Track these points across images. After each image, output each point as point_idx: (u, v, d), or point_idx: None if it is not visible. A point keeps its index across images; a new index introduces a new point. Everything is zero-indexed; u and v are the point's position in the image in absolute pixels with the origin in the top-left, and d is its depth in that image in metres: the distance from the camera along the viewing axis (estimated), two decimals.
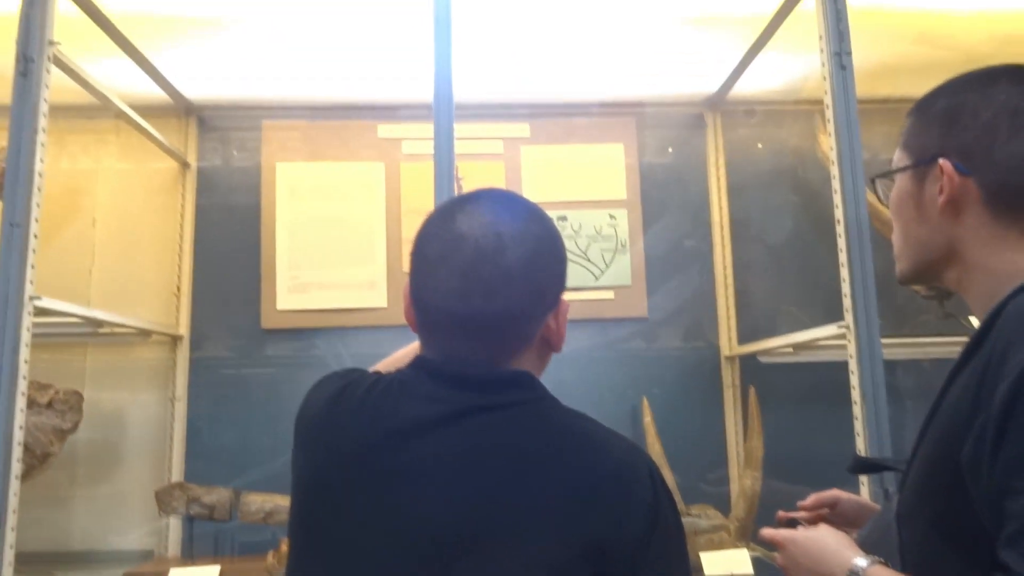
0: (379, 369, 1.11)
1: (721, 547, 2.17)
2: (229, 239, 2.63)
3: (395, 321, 2.56)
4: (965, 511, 0.75)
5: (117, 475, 2.51)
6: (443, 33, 1.76)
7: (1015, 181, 0.87)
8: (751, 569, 2.03)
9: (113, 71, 2.30)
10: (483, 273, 0.89)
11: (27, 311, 1.61)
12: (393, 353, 1.34)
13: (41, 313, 1.69)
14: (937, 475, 0.80)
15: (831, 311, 1.83)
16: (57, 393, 2.15)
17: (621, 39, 2.35)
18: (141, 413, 2.55)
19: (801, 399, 2.51)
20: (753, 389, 2.37)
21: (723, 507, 2.36)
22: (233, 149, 2.70)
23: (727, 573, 2.02)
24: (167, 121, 2.65)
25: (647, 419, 2.44)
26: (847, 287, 1.71)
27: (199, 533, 2.35)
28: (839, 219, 1.74)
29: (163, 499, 2.25)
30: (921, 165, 0.95)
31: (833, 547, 0.91)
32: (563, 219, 2.66)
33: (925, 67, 2.49)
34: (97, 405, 2.43)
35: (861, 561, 0.85)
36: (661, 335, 2.70)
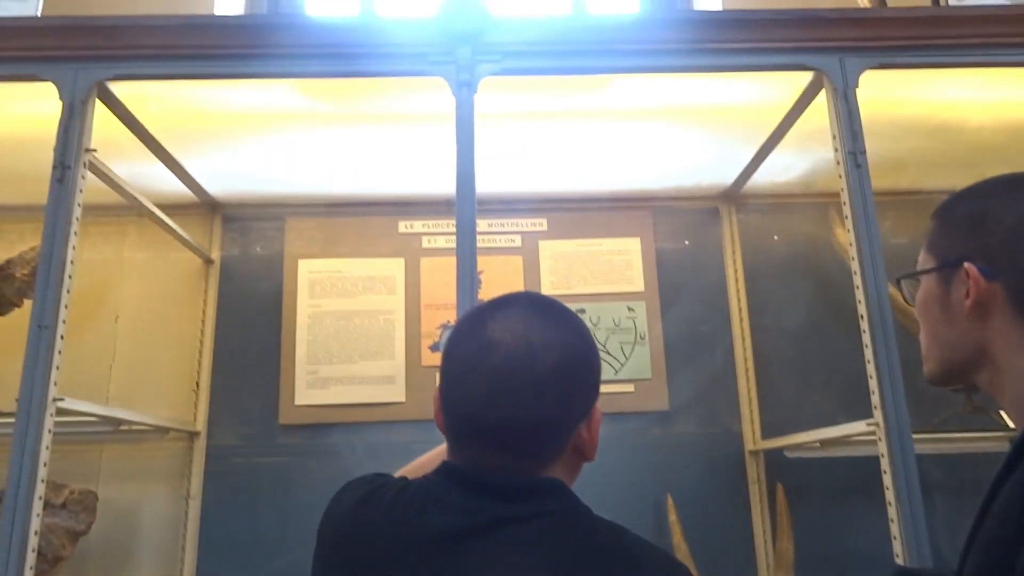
0: (405, 474, 1.10)
1: None
2: (249, 334, 2.65)
3: (413, 416, 2.54)
4: None
5: (129, 575, 2.45)
6: (466, 133, 1.81)
7: None
8: None
9: (141, 170, 2.37)
10: (513, 382, 0.88)
11: (49, 413, 1.60)
12: (418, 457, 1.31)
13: (62, 413, 1.68)
14: None
15: (856, 400, 1.80)
16: (72, 493, 2.12)
17: (636, 135, 2.40)
18: (155, 511, 2.50)
19: (831, 496, 2.43)
20: (781, 488, 2.31)
21: None
22: (256, 245, 2.75)
23: None
24: (192, 218, 2.70)
25: (672, 517, 2.37)
26: (874, 384, 1.69)
27: None
28: (862, 315, 1.73)
29: None
30: (946, 268, 0.95)
31: None
32: (582, 312, 2.67)
33: (938, 160, 2.53)
34: (111, 503, 2.39)
35: None
36: (683, 428, 2.65)
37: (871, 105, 1.87)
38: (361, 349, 2.61)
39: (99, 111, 1.87)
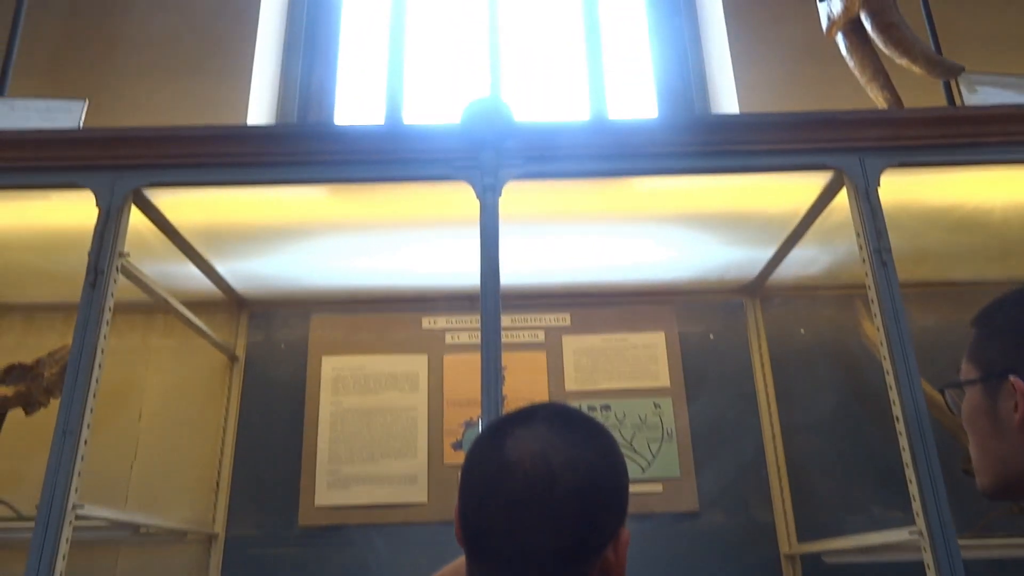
0: None
1: None
2: (272, 433, 2.62)
3: (436, 518, 2.48)
4: None
5: None
6: (490, 235, 1.83)
7: None
8: None
9: (170, 268, 2.41)
10: (531, 510, 0.84)
11: (68, 521, 1.58)
12: (443, 568, 1.27)
13: (81, 519, 1.66)
14: None
15: (894, 494, 1.73)
16: None
17: (658, 231, 2.42)
18: None
19: None
20: None
21: None
22: (281, 342, 2.77)
23: None
24: (218, 314, 2.73)
25: None
26: (915, 489, 1.62)
27: None
28: (898, 416, 1.68)
29: None
30: (991, 379, 0.93)
31: None
32: (606, 408, 2.63)
33: (965, 253, 2.52)
34: None
35: None
36: (714, 530, 2.55)
37: (893, 199, 1.87)
38: (383, 447, 2.57)
39: (133, 214, 1.92)
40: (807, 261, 2.56)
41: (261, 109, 3.20)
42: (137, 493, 2.53)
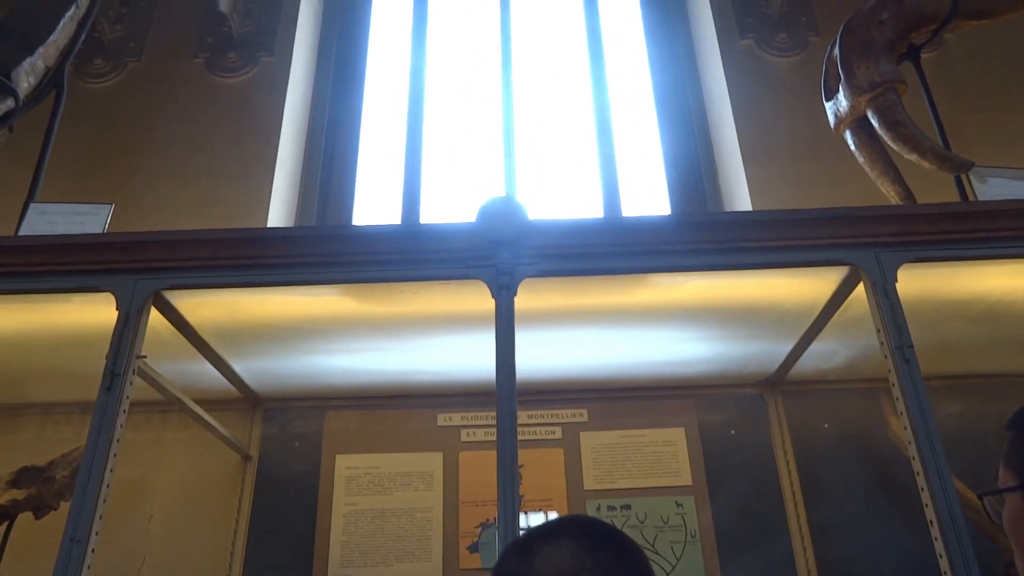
0: None
1: None
2: (283, 535, 2.56)
3: None
4: None
5: None
6: (505, 333, 1.82)
7: None
8: None
9: (187, 367, 2.41)
10: None
11: None
12: None
13: None
14: None
15: None
16: None
17: (675, 326, 2.40)
18: None
19: None
20: None
21: None
22: (295, 440, 2.73)
23: None
24: (233, 412, 2.72)
25: None
26: None
27: None
28: (932, 520, 1.61)
29: None
30: None
31: None
32: (627, 508, 2.55)
33: (988, 345, 2.47)
34: None
35: None
36: None
37: (912, 292, 1.86)
38: (397, 550, 2.50)
39: (151, 314, 1.94)
40: (827, 354, 2.52)
41: (281, 209, 3.28)
42: None
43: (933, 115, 2.50)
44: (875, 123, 2.28)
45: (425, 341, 2.41)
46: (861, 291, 1.92)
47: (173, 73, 3.59)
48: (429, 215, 3.49)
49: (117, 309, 1.86)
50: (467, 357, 2.47)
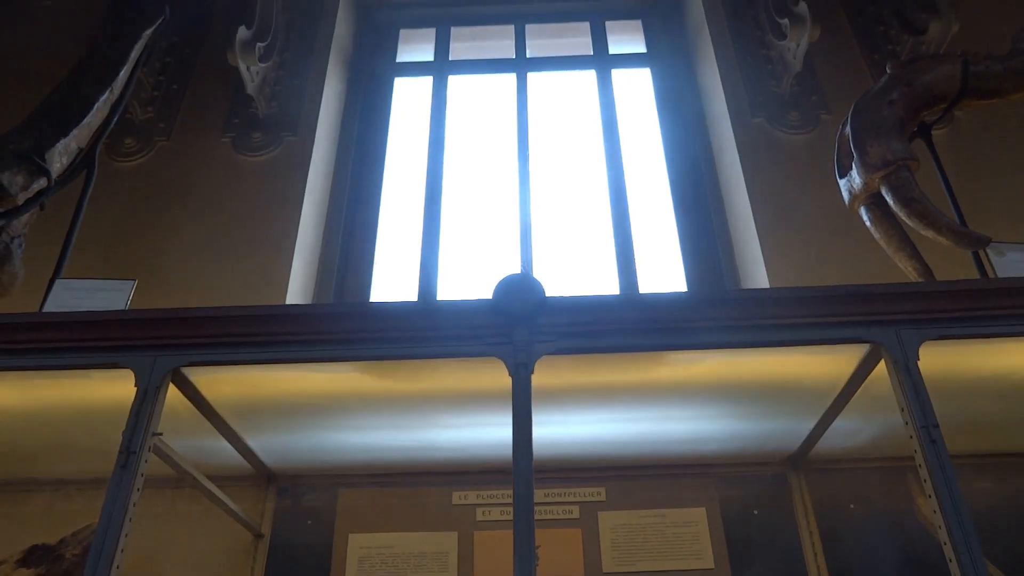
0: None
1: None
2: None
3: None
4: None
5: None
6: (523, 411, 1.80)
7: None
8: None
9: (201, 443, 2.40)
10: None
11: None
12: None
13: None
14: None
15: None
16: None
17: (694, 403, 2.37)
18: None
19: None
20: None
21: None
22: (308, 519, 2.69)
23: None
24: (246, 489, 2.68)
25: None
26: None
27: None
28: None
29: None
30: None
31: None
32: None
33: (1016, 423, 2.41)
34: None
35: None
36: None
37: (935, 369, 1.83)
38: None
39: (169, 390, 1.94)
40: (851, 432, 2.47)
41: (300, 286, 3.32)
42: None
43: (947, 191, 2.51)
44: (889, 200, 2.29)
45: (441, 418, 2.40)
46: (883, 368, 1.89)
47: (200, 152, 3.70)
48: (446, 292, 3.52)
49: (136, 385, 1.86)
50: (483, 434, 2.44)
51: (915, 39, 3.56)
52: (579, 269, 3.67)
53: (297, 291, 3.25)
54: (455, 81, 4.50)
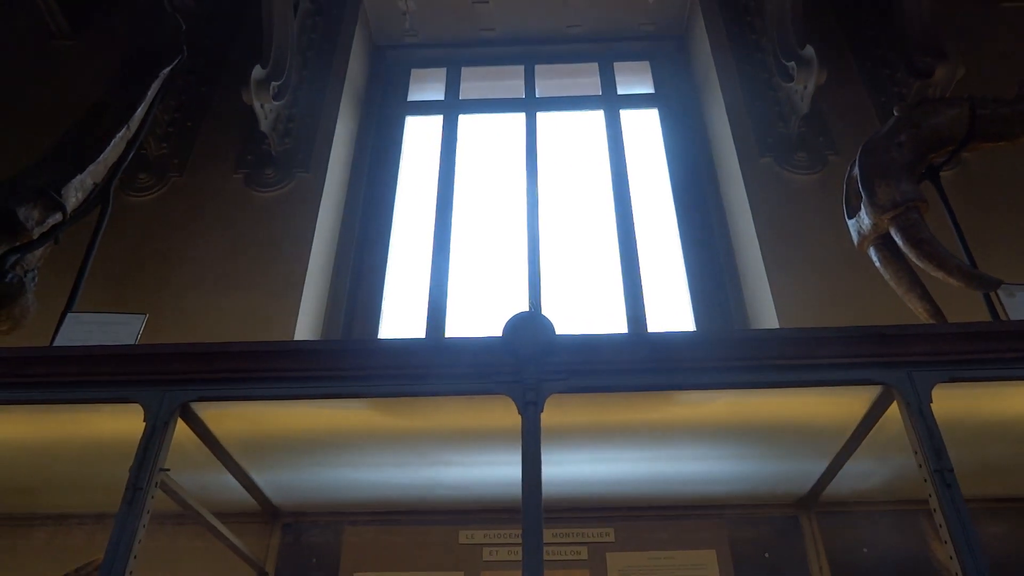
0: None
1: None
2: None
3: None
4: None
5: None
6: (532, 450, 1.79)
7: None
8: None
9: (208, 478, 2.38)
10: None
11: None
12: None
13: None
14: None
15: None
16: None
17: (704, 443, 2.35)
18: None
19: None
20: None
21: None
22: (313, 556, 2.66)
23: None
24: (251, 525, 2.65)
25: None
26: None
27: None
28: None
29: None
30: None
31: None
32: None
33: None
34: None
35: None
36: None
37: (949, 413, 1.81)
38: None
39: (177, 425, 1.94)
40: (863, 475, 2.43)
41: (309, 322, 3.32)
42: None
43: (957, 233, 2.51)
44: (899, 241, 2.29)
45: (448, 456, 2.38)
46: (895, 410, 1.88)
47: (213, 187, 3.74)
48: (455, 329, 3.52)
49: (144, 420, 1.86)
50: (490, 472, 2.42)
51: (921, 83, 3.60)
52: (587, 307, 3.67)
53: (305, 327, 3.26)
54: (465, 120, 4.55)
